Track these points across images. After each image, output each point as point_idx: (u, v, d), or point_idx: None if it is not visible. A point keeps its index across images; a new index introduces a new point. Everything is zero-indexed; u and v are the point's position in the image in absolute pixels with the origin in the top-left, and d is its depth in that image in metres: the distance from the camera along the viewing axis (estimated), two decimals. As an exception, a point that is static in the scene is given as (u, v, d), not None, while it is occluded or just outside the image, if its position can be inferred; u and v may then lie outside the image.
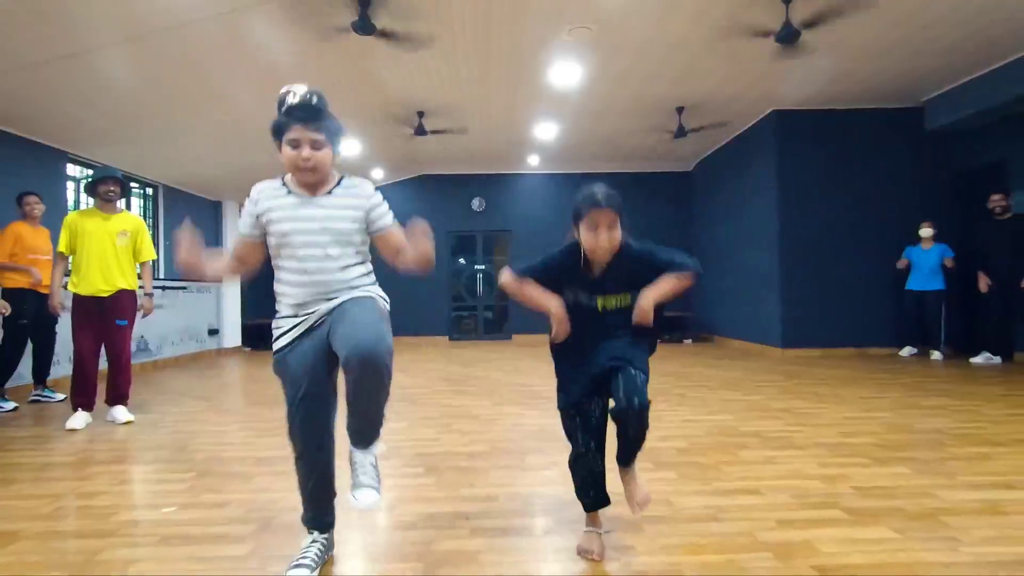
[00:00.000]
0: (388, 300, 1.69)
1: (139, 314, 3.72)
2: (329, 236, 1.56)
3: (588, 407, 1.67)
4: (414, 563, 1.65)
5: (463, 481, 2.37)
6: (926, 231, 6.06)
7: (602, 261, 1.64)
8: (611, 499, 1.72)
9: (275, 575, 1.58)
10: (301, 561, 1.57)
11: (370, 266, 1.69)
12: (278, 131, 1.56)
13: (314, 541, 1.63)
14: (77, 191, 5.62)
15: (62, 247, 3.52)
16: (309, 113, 1.52)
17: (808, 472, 2.40)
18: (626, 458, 1.68)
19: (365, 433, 1.53)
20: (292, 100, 1.54)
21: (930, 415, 3.41)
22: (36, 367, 4.36)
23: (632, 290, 1.64)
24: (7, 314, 3.93)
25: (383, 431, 1.58)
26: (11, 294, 4.07)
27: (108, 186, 3.56)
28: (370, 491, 1.50)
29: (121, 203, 3.77)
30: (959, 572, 1.54)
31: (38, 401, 4.31)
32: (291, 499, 2.13)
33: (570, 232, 1.68)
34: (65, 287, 3.68)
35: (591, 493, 1.70)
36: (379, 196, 1.65)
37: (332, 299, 1.57)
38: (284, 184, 1.62)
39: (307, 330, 1.58)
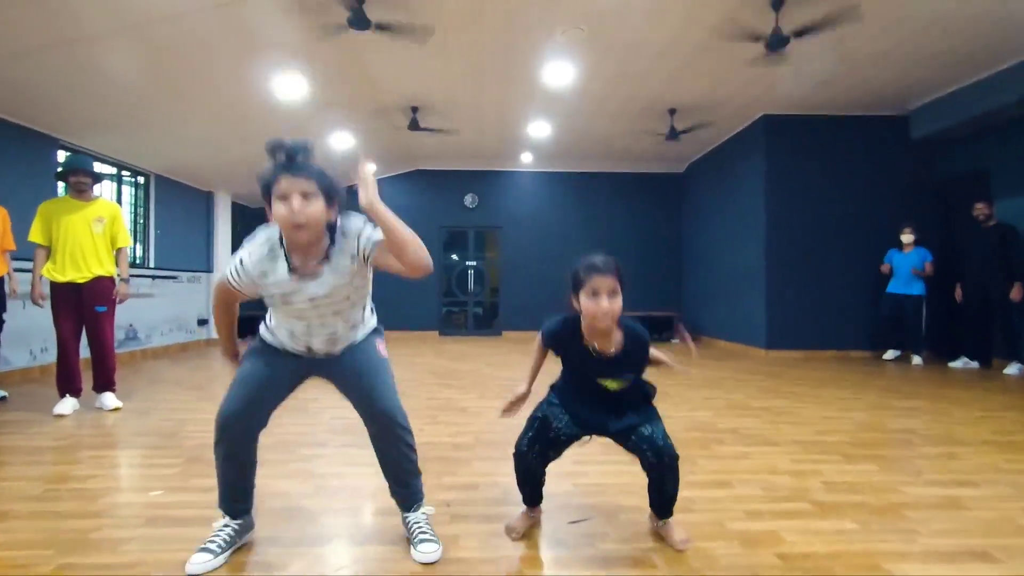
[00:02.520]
0: (382, 328, 1.79)
1: (115, 300, 3.68)
2: (330, 306, 1.57)
3: (555, 427, 1.72)
4: (397, 545, 1.71)
5: (446, 470, 2.44)
6: (907, 236, 6.18)
7: (604, 330, 1.59)
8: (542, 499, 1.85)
9: (260, 553, 1.64)
10: (206, 544, 1.60)
11: (369, 300, 1.74)
12: (266, 188, 1.44)
13: (226, 526, 1.65)
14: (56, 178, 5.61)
15: (37, 237, 3.49)
16: (296, 162, 1.40)
17: (780, 467, 2.49)
18: (663, 510, 1.73)
19: (407, 497, 1.74)
20: (278, 149, 1.43)
21: (903, 416, 3.52)
22: None
23: (632, 373, 1.67)
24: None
25: (424, 491, 1.79)
26: None
27: (79, 178, 3.53)
28: (430, 544, 1.64)
29: (97, 189, 3.76)
30: (912, 561, 1.63)
31: None
32: (277, 486, 2.20)
33: (568, 303, 1.64)
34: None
35: (526, 490, 1.82)
36: (362, 224, 1.53)
37: (331, 344, 1.66)
38: (282, 247, 1.51)
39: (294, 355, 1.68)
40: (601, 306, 1.53)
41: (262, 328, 1.72)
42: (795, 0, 4.15)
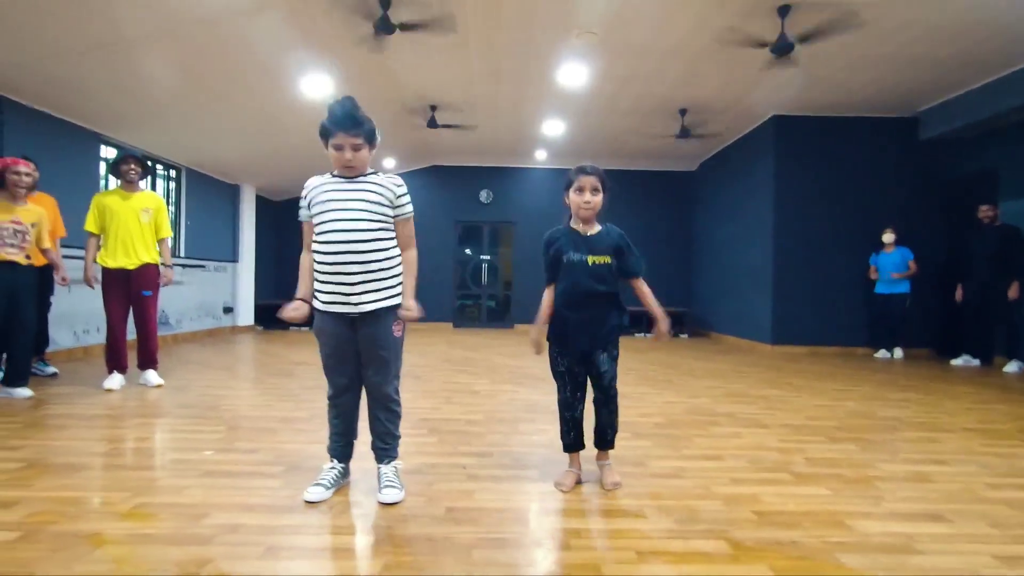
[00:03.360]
0: (398, 291, 1.97)
1: (161, 284, 3.98)
2: (361, 205, 1.88)
3: (576, 371, 2.11)
4: (418, 496, 1.97)
5: (461, 441, 2.69)
6: (888, 236, 6.35)
7: (587, 220, 2.05)
8: (585, 445, 2.16)
9: (305, 500, 1.91)
10: (320, 481, 1.97)
11: (396, 251, 1.97)
12: (325, 135, 1.89)
13: (332, 467, 2.03)
14: (108, 171, 5.96)
15: (92, 227, 3.80)
16: (350, 123, 1.86)
17: (768, 445, 2.70)
18: (600, 442, 2.14)
19: (384, 453, 2.02)
20: (336, 110, 1.87)
21: (893, 406, 3.70)
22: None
23: (610, 255, 2.05)
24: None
25: (400, 451, 2.07)
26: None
27: (129, 165, 3.85)
28: (392, 489, 1.93)
29: (143, 183, 4.06)
30: (873, 520, 1.84)
31: (33, 374, 3.99)
32: (313, 450, 2.47)
33: (564, 205, 2.10)
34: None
35: (571, 435, 2.12)
36: (405, 188, 1.97)
37: (359, 290, 1.87)
38: (331, 175, 1.97)
39: (336, 313, 1.91)
40: (584, 198, 1.99)
41: (314, 302, 1.96)
42: (801, 6, 4.31)
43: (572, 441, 2.14)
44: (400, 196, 1.95)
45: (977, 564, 1.55)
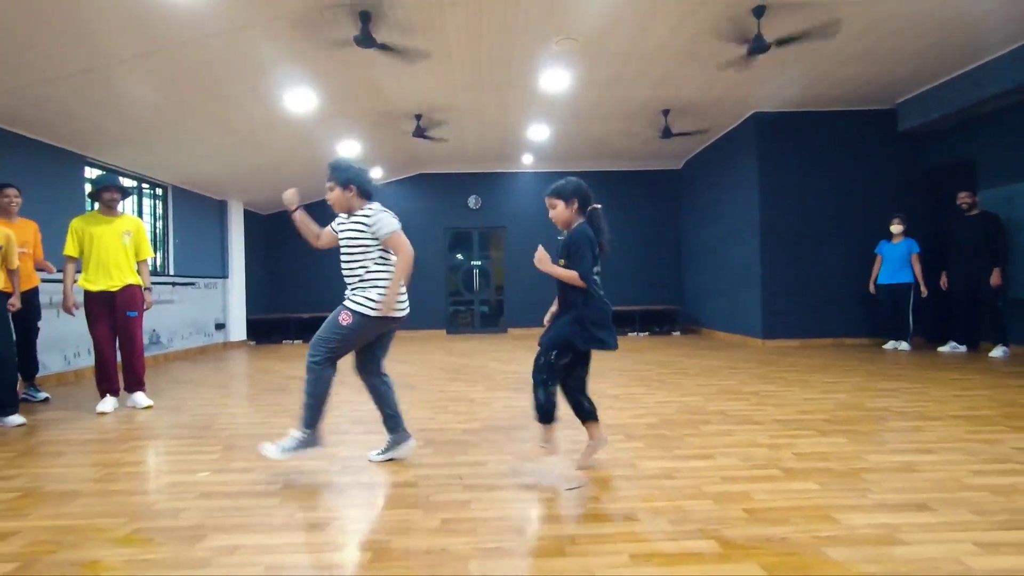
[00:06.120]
0: (368, 303, 2.37)
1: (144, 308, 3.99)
2: (346, 239, 2.45)
3: None
4: (415, 508, 1.99)
5: (458, 451, 2.71)
6: (896, 227, 6.40)
7: (563, 228, 2.40)
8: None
9: (302, 517, 1.92)
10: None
11: (379, 263, 2.43)
12: None
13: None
14: (89, 196, 5.93)
15: (71, 251, 3.78)
16: (328, 175, 2.46)
17: (759, 442, 2.75)
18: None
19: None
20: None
21: (882, 396, 3.76)
22: (22, 365, 4.09)
23: (565, 258, 2.31)
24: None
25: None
26: None
27: (112, 194, 3.87)
28: (271, 446, 2.35)
29: (121, 205, 4.08)
30: (859, 512, 1.89)
31: (25, 400, 4.10)
32: (308, 466, 2.48)
33: None
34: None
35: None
36: (380, 216, 2.40)
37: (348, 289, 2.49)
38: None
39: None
40: (551, 217, 2.39)
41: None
42: (776, 7, 4.37)
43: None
44: (375, 225, 2.39)
45: (959, 552, 1.60)
